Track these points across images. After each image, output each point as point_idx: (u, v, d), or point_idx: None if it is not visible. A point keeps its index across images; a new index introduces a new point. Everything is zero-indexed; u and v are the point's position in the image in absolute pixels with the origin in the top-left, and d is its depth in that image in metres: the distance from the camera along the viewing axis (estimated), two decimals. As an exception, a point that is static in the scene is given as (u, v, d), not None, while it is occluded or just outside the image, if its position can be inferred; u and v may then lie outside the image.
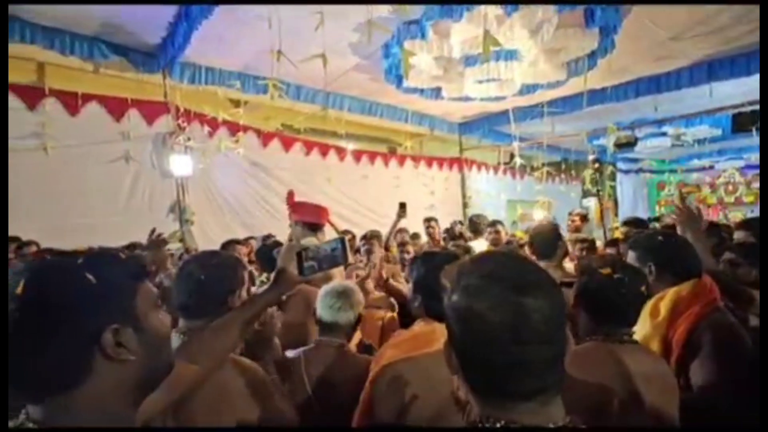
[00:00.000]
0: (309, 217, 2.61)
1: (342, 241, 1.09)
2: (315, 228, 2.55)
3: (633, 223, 3.97)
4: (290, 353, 1.63)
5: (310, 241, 2.42)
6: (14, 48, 3.90)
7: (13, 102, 3.90)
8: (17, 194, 3.83)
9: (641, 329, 1.49)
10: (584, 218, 4.82)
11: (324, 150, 6.25)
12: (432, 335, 1.26)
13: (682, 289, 1.54)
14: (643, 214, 11.18)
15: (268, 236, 4.86)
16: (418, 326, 1.34)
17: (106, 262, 0.65)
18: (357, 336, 1.86)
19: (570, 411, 0.65)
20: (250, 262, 3.97)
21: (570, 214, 4.81)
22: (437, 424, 1.12)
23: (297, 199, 2.78)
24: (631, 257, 1.71)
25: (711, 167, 11.83)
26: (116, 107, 4.41)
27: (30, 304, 0.57)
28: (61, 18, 3.74)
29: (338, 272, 2.29)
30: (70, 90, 4.17)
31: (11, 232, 3.56)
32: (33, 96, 4.00)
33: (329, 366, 1.54)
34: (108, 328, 0.61)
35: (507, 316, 0.60)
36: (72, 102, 4.16)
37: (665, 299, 1.54)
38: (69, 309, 0.59)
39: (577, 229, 4.62)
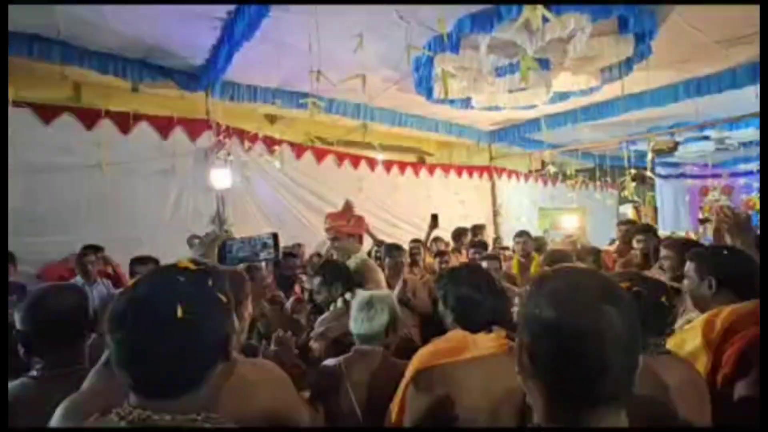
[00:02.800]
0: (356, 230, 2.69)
1: (274, 235, 1.09)
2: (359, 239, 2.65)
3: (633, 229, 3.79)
4: (329, 361, 1.68)
5: (357, 248, 2.52)
6: (74, 72, 4.26)
7: (73, 122, 4.23)
8: (77, 208, 4.16)
9: (691, 343, 1.46)
10: (633, 224, 4.72)
11: (355, 161, 6.35)
12: (464, 342, 1.36)
13: (743, 308, 1.46)
14: (684, 220, 10.67)
15: (298, 245, 4.97)
16: (452, 336, 1.43)
17: (221, 278, 0.78)
18: None
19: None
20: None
21: (618, 224, 4.70)
22: (467, 425, 1.19)
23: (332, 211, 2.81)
24: (689, 268, 1.62)
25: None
26: (163, 125, 4.69)
27: (190, 325, 0.70)
28: (112, 45, 4.07)
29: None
30: (123, 110, 4.48)
31: (74, 244, 3.84)
32: (90, 117, 4.32)
33: (369, 373, 1.60)
34: (231, 334, 0.77)
35: (593, 322, 0.63)
36: (124, 121, 4.46)
37: (722, 316, 1.47)
38: (215, 326, 0.74)
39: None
